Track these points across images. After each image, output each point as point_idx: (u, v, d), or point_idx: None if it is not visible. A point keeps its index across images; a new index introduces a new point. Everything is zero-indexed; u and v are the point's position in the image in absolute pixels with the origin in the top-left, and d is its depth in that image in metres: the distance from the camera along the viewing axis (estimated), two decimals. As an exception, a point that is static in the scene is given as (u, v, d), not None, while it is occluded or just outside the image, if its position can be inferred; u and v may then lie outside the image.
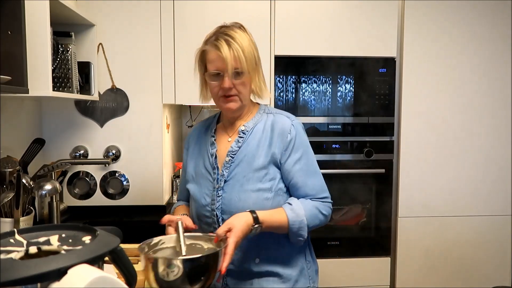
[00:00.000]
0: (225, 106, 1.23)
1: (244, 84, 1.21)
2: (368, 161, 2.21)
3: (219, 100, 1.23)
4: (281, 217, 1.17)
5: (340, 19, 2.13)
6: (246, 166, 1.22)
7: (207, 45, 1.20)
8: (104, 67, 1.99)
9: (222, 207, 1.22)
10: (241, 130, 1.26)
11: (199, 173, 1.29)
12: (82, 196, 2.04)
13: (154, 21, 2.00)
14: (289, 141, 1.23)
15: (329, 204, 1.27)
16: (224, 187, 1.22)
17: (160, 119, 2.04)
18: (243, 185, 1.21)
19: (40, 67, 1.41)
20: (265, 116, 1.29)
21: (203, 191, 1.26)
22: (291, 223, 1.17)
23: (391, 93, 2.20)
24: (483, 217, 2.28)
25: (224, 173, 1.23)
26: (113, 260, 0.80)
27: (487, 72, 2.22)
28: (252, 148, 1.23)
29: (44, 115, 1.99)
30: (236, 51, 1.16)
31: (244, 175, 1.21)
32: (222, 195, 1.22)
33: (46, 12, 1.41)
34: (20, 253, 0.73)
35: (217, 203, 1.22)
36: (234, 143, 1.25)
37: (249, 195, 1.20)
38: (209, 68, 1.21)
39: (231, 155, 1.24)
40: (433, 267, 2.27)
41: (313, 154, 1.28)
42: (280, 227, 1.17)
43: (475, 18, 2.19)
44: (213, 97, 1.25)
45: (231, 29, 1.21)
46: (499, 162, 2.27)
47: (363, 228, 2.27)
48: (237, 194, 1.21)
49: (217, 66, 1.18)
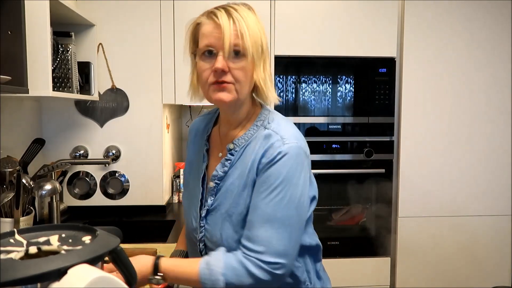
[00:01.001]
0: (215, 97, 0.92)
1: (244, 69, 0.91)
2: (368, 161, 2.21)
3: (208, 89, 0.92)
4: (191, 270, 0.91)
5: (340, 19, 2.13)
6: (230, 202, 0.96)
7: (203, 17, 0.94)
8: (104, 67, 1.99)
9: (205, 240, 1.00)
10: (229, 149, 0.98)
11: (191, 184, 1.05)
12: (82, 196, 2.04)
13: (154, 21, 2.00)
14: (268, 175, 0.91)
15: (265, 265, 0.88)
16: (208, 217, 0.99)
17: (160, 119, 2.04)
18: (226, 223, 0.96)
19: (40, 67, 1.41)
20: (261, 131, 0.97)
21: (191, 211, 1.04)
22: (202, 280, 0.89)
23: (391, 93, 2.20)
24: (483, 217, 2.28)
25: (208, 201, 0.99)
26: (113, 260, 0.80)
27: (487, 72, 2.22)
28: (237, 181, 0.96)
29: (44, 115, 1.99)
30: (238, 23, 0.89)
31: (226, 210, 0.96)
32: (205, 226, 1.00)
33: (46, 12, 1.41)
34: (20, 253, 0.73)
35: (200, 234, 1.01)
36: (220, 166, 0.99)
37: (232, 236, 0.94)
38: (201, 44, 0.92)
39: (216, 180, 0.99)
40: (433, 267, 2.27)
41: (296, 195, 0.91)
42: (190, 281, 0.92)
43: (475, 18, 2.19)
44: (202, 84, 0.95)
45: (235, 4, 0.94)
46: (499, 162, 2.27)
47: (363, 228, 2.27)
48: (219, 230, 0.96)
49: (211, 42, 0.90)
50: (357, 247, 2.24)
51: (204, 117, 1.13)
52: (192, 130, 1.14)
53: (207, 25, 0.92)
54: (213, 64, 0.90)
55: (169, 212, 2.13)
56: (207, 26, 0.92)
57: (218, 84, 0.91)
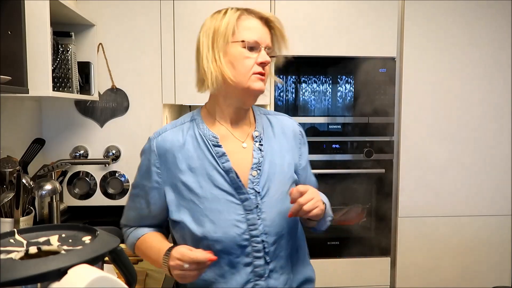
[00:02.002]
0: (257, 85, 1.00)
1: (269, 66, 1.05)
2: (368, 161, 2.21)
3: (249, 78, 0.99)
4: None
5: (340, 19, 2.13)
6: (276, 179, 1.05)
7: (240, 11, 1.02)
8: (104, 67, 1.99)
9: (265, 230, 1.02)
10: (256, 136, 1.07)
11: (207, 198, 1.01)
12: (82, 196, 2.04)
13: (154, 21, 2.00)
14: (301, 143, 1.15)
15: None
16: (262, 207, 1.02)
17: (160, 119, 2.04)
18: (281, 200, 1.03)
19: (40, 67, 1.41)
20: (264, 118, 1.13)
21: (229, 219, 1.00)
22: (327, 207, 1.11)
23: (391, 93, 2.20)
24: (483, 217, 2.28)
25: (257, 190, 1.02)
26: (113, 260, 0.80)
27: (487, 72, 2.22)
28: (274, 158, 1.07)
29: (44, 115, 1.99)
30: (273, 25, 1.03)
31: (277, 189, 1.04)
32: (261, 217, 1.01)
33: (46, 12, 1.41)
34: (20, 253, 0.73)
35: (259, 227, 1.01)
36: (256, 153, 1.05)
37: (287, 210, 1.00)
38: (245, 36, 0.99)
39: (258, 168, 1.04)
40: (433, 267, 2.27)
41: None
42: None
43: (475, 18, 2.19)
44: (243, 73, 0.99)
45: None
46: (499, 162, 2.27)
47: (363, 228, 2.27)
48: (278, 211, 1.03)
49: (257, 36, 1.00)
50: (357, 247, 2.24)
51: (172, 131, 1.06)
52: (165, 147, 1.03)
53: (252, 20, 1.01)
54: (256, 57, 1.00)
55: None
56: (252, 21, 1.01)
57: (261, 75, 1.01)
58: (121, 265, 0.81)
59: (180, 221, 1.02)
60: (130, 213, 1.13)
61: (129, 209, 1.13)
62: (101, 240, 0.76)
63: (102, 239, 0.76)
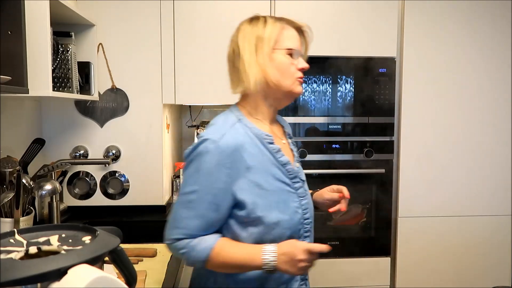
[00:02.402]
0: (299, 89, 1.13)
1: None
2: (368, 161, 2.21)
3: (293, 82, 1.11)
4: None
5: (340, 19, 2.13)
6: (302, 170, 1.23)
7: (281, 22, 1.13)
8: (104, 67, 1.99)
9: (310, 213, 1.17)
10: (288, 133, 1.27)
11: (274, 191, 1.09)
12: (82, 196, 2.05)
13: (154, 21, 2.00)
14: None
15: None
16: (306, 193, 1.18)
17: (160, 119, 2.04)
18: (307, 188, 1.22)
19: (40, 67, 1.41)
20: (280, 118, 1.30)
21: (292, 206, 1.10)
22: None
23: (391, 93, 2.20)
24: (483, 217, 2.28)
25: (302, 179, 1.18)
26: (113, 260, 0.80)
27: (487, 72, 2.23)
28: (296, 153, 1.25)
29: (44, 115, 1.99)
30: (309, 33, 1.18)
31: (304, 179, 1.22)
32: (308, 202, 1.18)
33: (46, 12, 1.41)
34: (20, 253, 0.73)
35: (308, 212, 1.16)
36: (293, 147, 1.24)
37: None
38: (289, 44, 1.10)
39: (298, 160, 1.23)
40: (433, 267, 2.27)
41: None
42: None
43: (475, 18, 2.19)
44: (287, 77, 1.10)
45: None
46: (499, 162, 2.27)
47: (363, 228, 2.27)
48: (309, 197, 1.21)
49: (297, 45, 1.12)
50: (357, 247, 2.24)
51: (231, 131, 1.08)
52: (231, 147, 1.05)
53: (291, 30, 1.12)
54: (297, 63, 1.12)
55: (169, 212, 2.13)
56: (292, 31, 1.12)
57: (301, 79, 1.13)
58: (121, 265, 0.81)
59: (256, 216, 1.05)
60: (192, 222, 1.04)
61: (190, 218, 1.04)
62: (101, 240, 0.76)
63: (102, 239, 0.76)
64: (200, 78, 2.07)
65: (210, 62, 2.07)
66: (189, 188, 1.04)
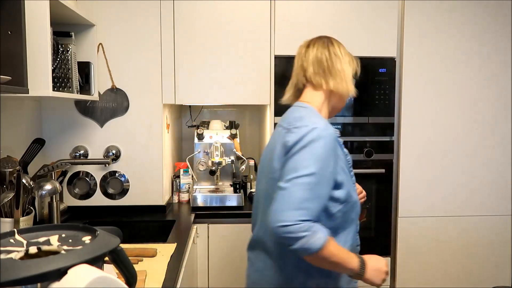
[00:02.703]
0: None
1: None
2: (368, 161, 2.21)
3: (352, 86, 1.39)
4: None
5: (340, 19, 2.13)
6: None
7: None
8: (104, 67, 1.99)
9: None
10: None
11: (350, 176, 1.29)
12: (82, 196, 2.05)
13: (154, 21, 2.00)
14: None
15: None
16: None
17: (160, 119, 2.05)
18: None
19: (40, 67, 1.41)
20: None
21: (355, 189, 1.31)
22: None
23: (391, 93, 2.20)
24: (483, 217, 2.28)
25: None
26: (113, 260, 0.80)
27: (487, 72, 2.22)
28: None
29: (44, 115, 1.99)
30: None
31: None
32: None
33: (46, 12, 1.41)
34: (20, 253, 0.73)
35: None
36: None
37: None
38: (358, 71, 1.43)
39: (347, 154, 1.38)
40: (433, 267, 2.27)
41: None
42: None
43: (475, 18, 2.19)
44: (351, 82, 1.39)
45: None
46: (499, 162, 2.27)
47: (363, 228, 2.27)
48: None
49: None
50: (357, 247, 2.24)
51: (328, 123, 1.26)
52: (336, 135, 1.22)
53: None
54: None
55: (169, 212, 2.13)
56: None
57: None
58: (121, 265, 0.81)
59: (348, 196, 1.20)
60: (313, 204, 1.06)
61: (311, 200, 1.06)
62: (101, 240, 0.76)
63: (102, 239, 0.76)
64: (200, 78, 2.08)
65: (210, 62, 2.07)
66: (306, 170, 1.07)
